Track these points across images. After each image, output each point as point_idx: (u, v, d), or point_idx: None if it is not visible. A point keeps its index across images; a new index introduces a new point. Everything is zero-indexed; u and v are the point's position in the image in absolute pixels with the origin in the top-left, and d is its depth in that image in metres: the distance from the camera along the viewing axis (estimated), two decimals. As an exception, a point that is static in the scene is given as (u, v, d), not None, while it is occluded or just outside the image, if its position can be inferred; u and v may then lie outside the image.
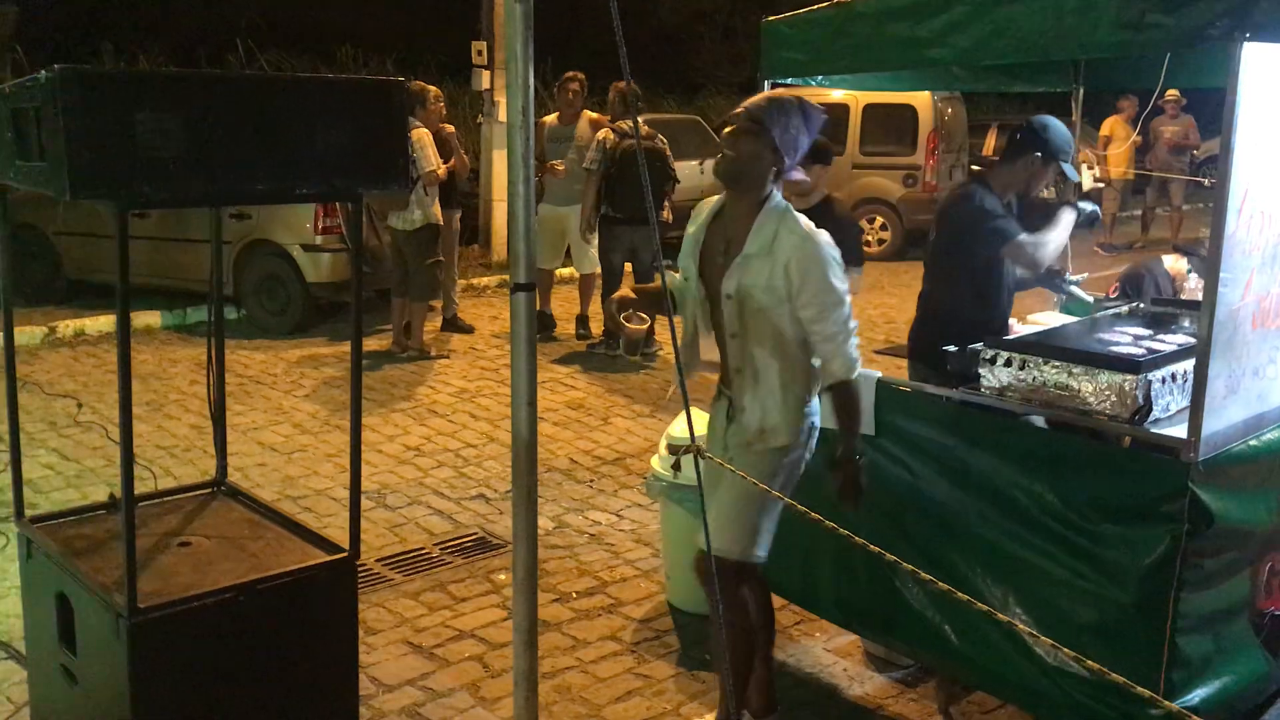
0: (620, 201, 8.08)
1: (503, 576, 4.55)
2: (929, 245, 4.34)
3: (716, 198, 3.33)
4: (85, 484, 5.49)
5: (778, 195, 3.14)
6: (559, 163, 8.42)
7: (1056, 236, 3.93)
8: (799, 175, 3.19)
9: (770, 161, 3.09)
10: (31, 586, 3.04)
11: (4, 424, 3.09)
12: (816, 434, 3.26)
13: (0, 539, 4.76)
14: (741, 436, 3.21)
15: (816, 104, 3.15)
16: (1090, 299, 4.45)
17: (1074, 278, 4.49)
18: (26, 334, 8.27)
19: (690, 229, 3.34)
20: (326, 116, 2.56)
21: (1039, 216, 4.05)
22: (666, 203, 8.33)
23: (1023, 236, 3.85)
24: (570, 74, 8.78)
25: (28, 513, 3.09)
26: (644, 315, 3.27)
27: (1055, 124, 3.98)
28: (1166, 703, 1.63)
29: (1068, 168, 4.02)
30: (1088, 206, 4.14)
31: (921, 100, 13.05)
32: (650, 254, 8.22)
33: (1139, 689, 1.43)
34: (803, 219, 3.12)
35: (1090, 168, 5.92)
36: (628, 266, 8.43)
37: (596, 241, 8.41)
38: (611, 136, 8.06)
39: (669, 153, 8.27)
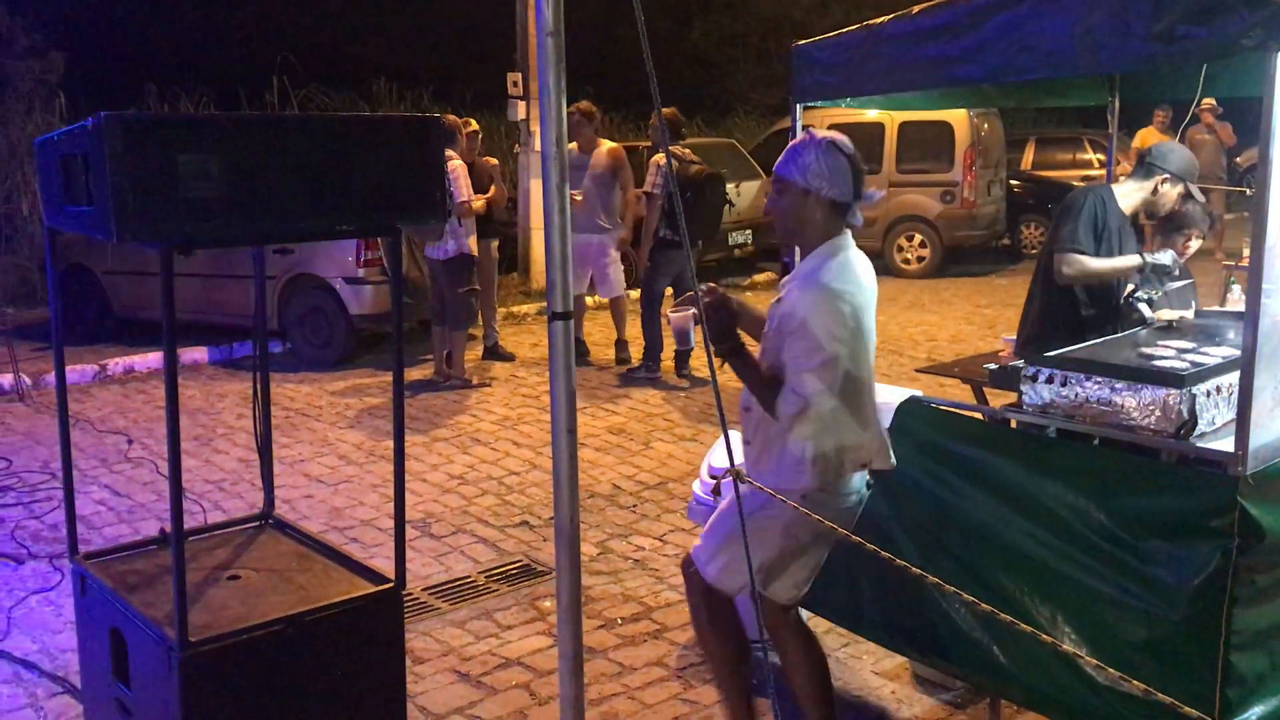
0: (679, 225, 8.13)
1: (548, 603, 4.57)
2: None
3: None
4: (137, 519, 5.58)
5: (838, 239, 3.05)
6: (576, 193, 8.46)
7: (1105, 267, 4.24)
8: (878, 194, 3.15)
9: (811, 205, 3.03)
10: (86, 621, 3.09)
11: (58, 461, 3.15)
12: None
13: (55, 575, 4.85)
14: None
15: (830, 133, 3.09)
16: (1153, 318, 4.39)
17: (1143, 295, 4.44)
18: (78, 372, 8.43)
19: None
20: (364, 154, 2.60)
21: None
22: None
23: (1077, 257, 4.20)
24: (575, 105, 8.83)
25: (81, 549, 3.15)
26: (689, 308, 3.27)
27: (1181, 148, 4.44)
28: (1218, 721, 1.61)
29: (1194, 189, 4.34)
30: (1165, 259, 4.25)
31: (958, 117, 13.01)
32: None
33: (1188, 709, 1.42)
34: (834, 266, 3.01)
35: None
36: (668, 290, 8.49)
37: (620, 265, 8.50)
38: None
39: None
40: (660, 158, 8.24)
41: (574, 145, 8.87)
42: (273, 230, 2.60)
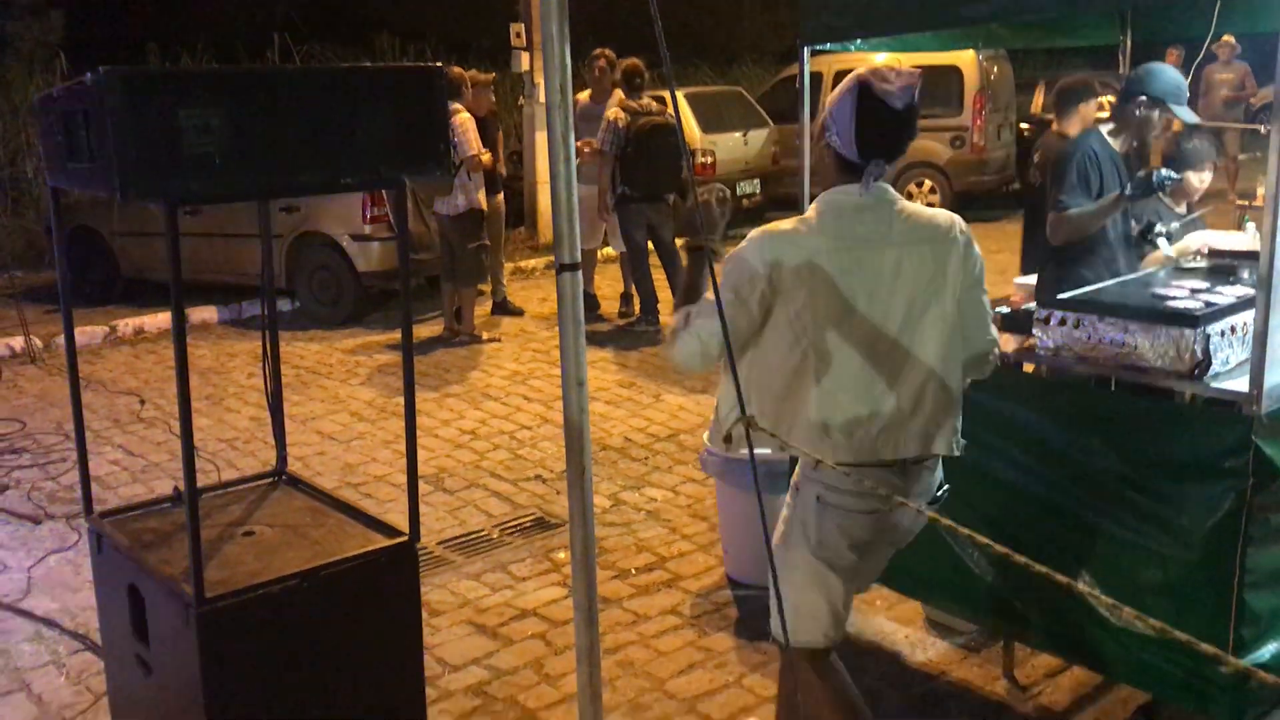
0: (635, 180, 8.11)
1: (562, 555, 4.59)
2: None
3: None
4: (151, 478, 5.61)
5: (845, 188, 2.63)
6: (583, 143, 8.33)
7: (1086, 212, 4.08)
8: (882, 169, 2.62)
9: (821, 150, 2.69)
10: (104, 579, 3.11)
11: (71, 422, 3.16)
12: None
13: (72, 534, 4.88)
14: None
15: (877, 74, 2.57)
16: (1173, 254, 4.29)
17: (1160, 230, 4.33)
18: (88, 334, 8.45)
19: None
20: (367, 106, 2.57)
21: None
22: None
23: (1071, 212, 4.06)
24: (597, 51, 8.74)
25: (96, 508, 3.16)
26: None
27: (1162, 68, 4.10)
28: (1234, 659, 1.61)
29: (1181, 110, 4.03)
30: (1164, 174, 3.96)
31: (966, 60, 12.85)
32: (669, 231, 8.40)
33: (1204, 645, 1.41)
34: (800, 218, 2.66)
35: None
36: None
37: (617, 221, 8.45)
38: (623, 116, 8.06)
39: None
40: (612, 113, 8.14)
41: (586, 95, 8.76)
42: (276, 184, 2.57)
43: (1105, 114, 4.99)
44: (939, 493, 2.81)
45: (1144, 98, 4.06)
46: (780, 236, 2.61)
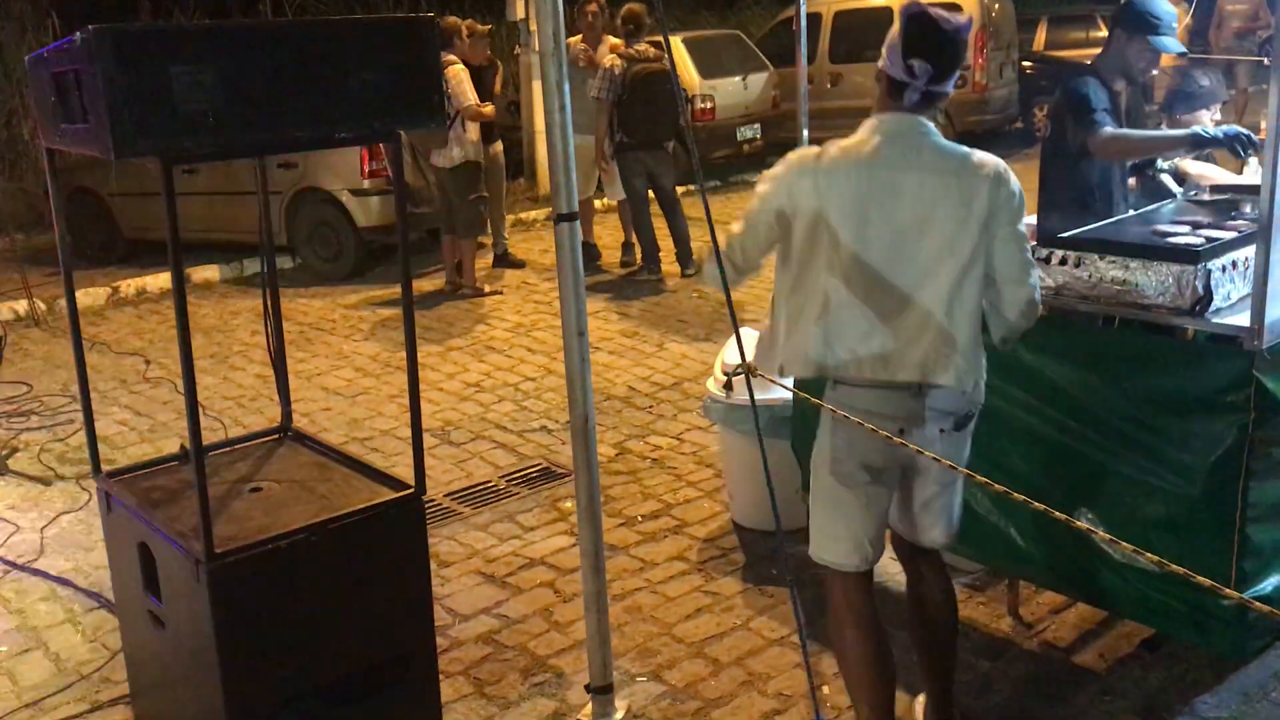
0: (632, 128, 8.06)
1: (569, 504, 4.62)
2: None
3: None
4: (158, 438, 5.64)
5: (880, 116, 2.72)
6: (576, 39, 8.17)
7: (1147, 139, 3.86)
8: (924, 70, 2.63)
9: (878, 76, 2.75)
10: (114, 538, 3.14)
11: (77, 384, 3.18)
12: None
13: (83, 495, 4.92)
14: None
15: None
16: (1179, 190, 4.22)
17: (1165, 165, 4.22)
18: (91, 295, 8.44)
19: None
20: (360, 58, 2.56)
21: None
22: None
23: (1107, 130, 3.73)
24: None
25: (105, 468, 3.18)
26: None
27: None
28: (1233, 592, 1.63)
29: (1163, 41, 3.81)
30: (1221, 131, 3.71)
31: (967, -3, 12.68)
32: (669, 179, 8.34)
33: (1200, 578, 1.43)
34: (845, 140, 2.72)
35: None
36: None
37: (617, 169, 8.40)
38: (619, 63, 7.98)
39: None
40: (608, 60, 8.07)
41: (577, 40, 8.66)
42: (270, 140, 2.57)
43: None
44: (965, 417, 2.81)
45: (1122, 30, 3.86)
46: (809, 157, 2.71)
